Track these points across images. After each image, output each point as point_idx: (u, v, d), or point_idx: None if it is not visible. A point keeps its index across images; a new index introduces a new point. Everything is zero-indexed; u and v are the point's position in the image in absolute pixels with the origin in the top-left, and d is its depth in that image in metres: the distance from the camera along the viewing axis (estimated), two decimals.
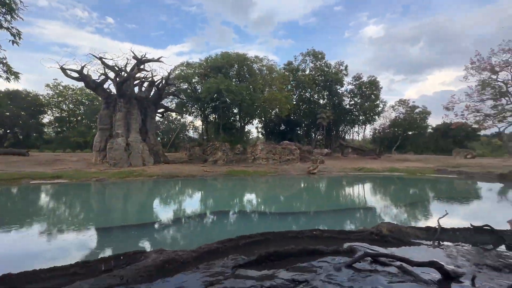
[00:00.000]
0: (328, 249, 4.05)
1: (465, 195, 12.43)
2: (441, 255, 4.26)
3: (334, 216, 8.39)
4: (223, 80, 21.58)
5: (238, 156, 23.90)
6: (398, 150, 42.26)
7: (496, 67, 13.81)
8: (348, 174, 19.94)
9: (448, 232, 5.04)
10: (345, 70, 35.91)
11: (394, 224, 5.19)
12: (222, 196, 11.93)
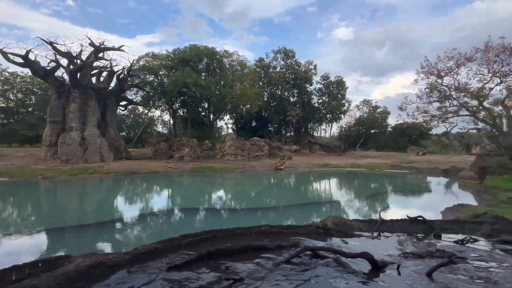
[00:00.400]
0: (272, 245, 4.08)
1: (412, 188, 13.67)
2: (379, 245, 4.55)
3: (293, 211, 8.59)
4: (190, 73, 20.84)
5: (206, 152, 23.41)
6: (362, 147, 44.94)
7: (441, 72, 15.31)
8: (313, 170, 20.66)
9: (387, 223, 5.41)
10: (314, 70, 37.01)
11: (339, 217, 5.42)
12: (184, 193, 11.58)
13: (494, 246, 4.37)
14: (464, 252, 4.12)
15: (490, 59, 13.61)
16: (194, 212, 8.30)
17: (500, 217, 5.50)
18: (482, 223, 5.31)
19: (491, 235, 4.93)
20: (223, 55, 25.30)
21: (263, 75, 35.95)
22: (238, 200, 10.44)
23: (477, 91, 14.20)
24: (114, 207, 8.67)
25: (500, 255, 3.96)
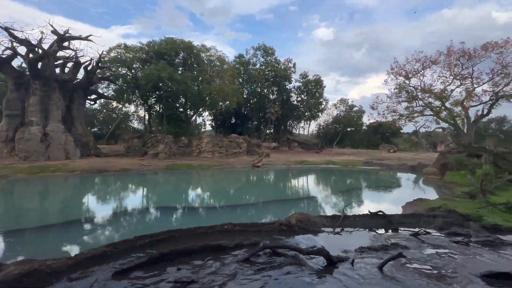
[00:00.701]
0: (232, 244, 4.00)
1: (380, 184, 14.35)
2: (339, 240, 4.64)
3: (266, 208, 8.58)
4: (165, 67, 20.05)
5: (182, 149, 22.79)
6: (338, 145, 46.36)
7: (409, 74, 16.17)
8: (290, 167, 20.91)
9: (350, 219, 5.55)
10: (293, 68, 37.40)
11: (304, 214, 5.47)
12: (155, 192, 11.15)
13: (443, 238, 4.65)
14: (416, 244, 4.33)
15: (452, 63, 14.62)
16: (165, 211, 8.00)
17: (452, 210, 5.87)
18: (436, 217, 5.63)
19: (443, 228, 5.25)
20: (201, 50, 24.65)
21: (242, 72, 35.69)
22: (212, 197, 10.24)
23: (439, 92, 15.20)
24: (76, 208, 8.10)
25: (446, 247, 4.20)
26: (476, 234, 4.78)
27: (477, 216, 5.61)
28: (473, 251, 4.11)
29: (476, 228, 4.98)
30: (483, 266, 3.61)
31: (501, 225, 5.16)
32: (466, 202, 7.13)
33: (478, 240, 4.43)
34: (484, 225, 5.16)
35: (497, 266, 3.59)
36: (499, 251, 4.09)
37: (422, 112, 16.79)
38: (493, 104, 14.85)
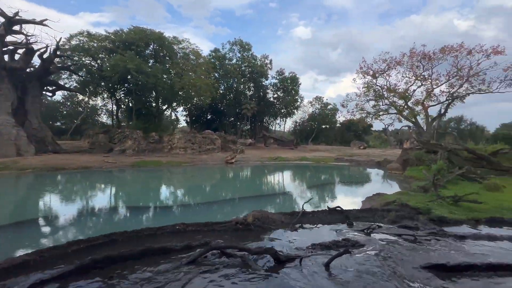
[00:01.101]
0: (179, 246, 3.76)
1: (347, 179, 14.90)
2: (295, 237, 4.59)
3: (230, 205, 8.39)
4: (133, 58, 18.86)
5: (153, 145, 21.79)
6: (314, 142, 47.51)
7: (376, 73, 16.88)
8: (264, 163, 20.92)
9: (308, 215, 5.56)
10: (270, 64, 37.42)
11: (262, 211, 5.36)
12: (113, 191, 10.45)
13: (393, 232, 4.81)
14: (367, 239, 4.41)
15: (414, 64, 15.50)
16: (121, 211, 7.48)
17: (405, 204, 6.13)
18: (390, 211, 5.84)
19: (395, 221, 5.45)
20: (173, 42, 23.56)
21: (218, 66, 34.94)
22: (175, 196, 9.83)
23: (403, 92, 16.06)
24: (16, 210, 7.28)
25: (395, 241, 4.33)
26: (423, 227, 5.01)
27: (427, 209, 5.90)
28: (419, 243, 4.27)
29: (424, 221, 5.22)
30: (425, 258, 3.75)
31: (447, 217, 5.46)
32: (420, 196, 7.51)
33: (424, 233, 4.62)
34: (432, 217, 5.43)
35: (438, 257, 3.75)
36: (442, 243, 4.29)
37: (387, 111, 17.68)
38: (449, 104, 16.09)
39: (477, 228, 5.28)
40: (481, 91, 14.79)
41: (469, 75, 14.82)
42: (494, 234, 4.63)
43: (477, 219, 5.53)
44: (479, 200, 7.10)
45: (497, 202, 6.81)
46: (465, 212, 5.96)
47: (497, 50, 14.01)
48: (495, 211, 6.01)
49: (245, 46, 36.18)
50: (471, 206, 6.34)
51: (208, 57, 34.91)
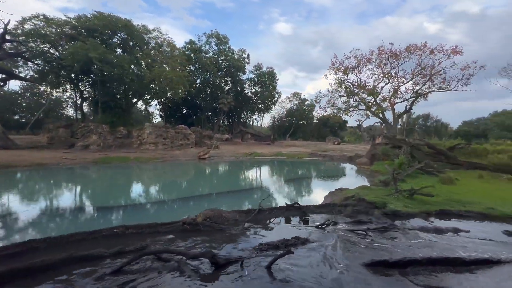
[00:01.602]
0: (108, 252, 3.37)
1: (316, 174, 15.10)
2: (244, 237, 4.36)
3: (190, 203, 8.01)
4: (96, 46, 17.42)
5: (120, 140, 20.58)
6: (291, 137, 48.07)
7: (347, 70, 17.21)
8: (238, 159, 20.64)
9: (265, 212, 5.37)
10: (247, 58, 36.89)
11: (216, 209, 5.08)
12: (64, 189, 9.58)
13: (347, 227, 4.77)
14: (319, 236, 4.30)
15: (382, 62, 15.98)
16: (69, 213, 6.80)
17: (362, 199, 6.17)
18: (348, 206, 5.84)
19: (351, 216, 5.43)
20: (142, 31, 22.16)
21: (194, 59, 33.77)
22: (134, 194, 9.22)
23: (371, 89, 16.55)
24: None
25: (346, 237, 4.26)
26: (377, 221, 5.03)
27: (382, 203, 5.97)
28: (369, 239, 4.24)
29: (378, 215, 5.25)
30: (372, 254, 3.69)
31: (400, 211, 5.54)
32: (380, 190, 7.66)
33: (376, 227, 4.62)
34: (386, 212, 5.48)
35: (383, 253, 3.72)
36: (391, 237, 4.30)
37: (357, 107, 18.15)
38: (414, 101, 16.92)
39: (429, 220, 5.43)
40: (442, 89, 15.73)
41: (432, 74, 15.63)
42: (440, 227, 4.75)
43: (428, 212, 5.68)
44: (434, 193, 7.39)
45: (449, 194, 7.12)
46: (419, 205, 6.12)
47: (455, 50, 14.94)
48: (445, 203, 6.24)
49: (222, 39, 35.30)
50: (425, 199, 6.54)
51: (183, 49, 33.63)
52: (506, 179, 9.55)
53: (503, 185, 8.69)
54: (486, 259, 3.40)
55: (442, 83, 15.70)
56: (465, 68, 14.88)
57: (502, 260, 3.42)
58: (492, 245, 4.05)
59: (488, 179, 9.56)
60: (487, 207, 5.85)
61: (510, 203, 6.34)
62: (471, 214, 5.60)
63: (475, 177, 9.87)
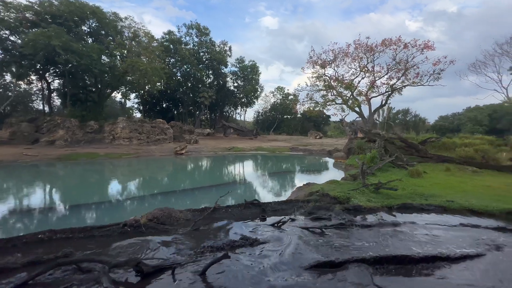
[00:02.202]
0: (20, 262, 2.92)
1: (292, 168, 15.03)
2: (191, 239, 4.01)
3: (151, 201, 7.55)
4: (59, 33, 16.08)
5: (91, 135, 19.46)
6: (275, 131, 48.04)
7: (325, 63, 17.13)
8: (217, 154, 20.19)
9: (221, 210, 5.06)
10: (229, 51, 36.06)
11: (166, 209, 4.69)
12: (13, 190, 8.80)
13: (302, 225, 4.57)
14: (272, 235, 4.05)
15: (359, 56, 16.00)
16: (14, 215, 6.16)
17: (325, 194, 6.00)
18: (310, 201, 5.65)
19: (311, 213, 5.24)
20: (112, 19, 20.80)
21: (173, 51, 32.52)
22: (86, 193, 8.55)
23: (348, 83, 16.59)
24: None
25: (301, 235, 4.04)
26: (336, 217, 4.86)
27: (346, 198, 5.83)
28: (323, 237, 4.04)
29: (338, 211, 5.08)
30: (324, 254, 3.49)
31: (362, 206, 5.42)
32: (348, 184, 7.57)
33: (333, 224, 4.44)
34: (348, 207, 5.34)
35: (333, 252, 3.52)
36: (346, 234, 4.12)
37: (334, 101, 18.20)
38: (389, 96, 17.18)
39: (391, 214, 5.34)
40: (415, 83, 16.06)
41: (406, 68, 15.88)
42: (398, 222, 4.65)
43: (389, 206, 5.60)
44: (401, 186, 7.41)
45: (414, 188, 7.13)
46: (383, 199, 6.04)
47: (427, 45, 15.25)
48: (408, 197, 6.21)
49: (203, 31, 34.19)
50: (390, 193, 6.49)
51: (162, 39, 32.28)
52: (471, 172, 9.82)
53: (467, 177, 8.90)
54: (434, 256, 3.28)
55: (416, 77, 16.03)
56: (437, 63, 15.26)
57: (450, 257, 3.31)
58: (446, 239, 3.98)
59: (454, 172, 9.79)
60: (447, 200, 5.86)
61: (470, 195, 6.43)
62: (431, 207, 5.58)
63: (443, 170, 10.08)
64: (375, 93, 17.27)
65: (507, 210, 5.18)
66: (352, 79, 17.07)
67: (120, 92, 29.52)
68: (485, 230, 4.34)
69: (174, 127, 32.21)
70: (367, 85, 16.99)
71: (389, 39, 15.50)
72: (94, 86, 22.04)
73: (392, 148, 12.47)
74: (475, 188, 7.28)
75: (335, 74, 17.57)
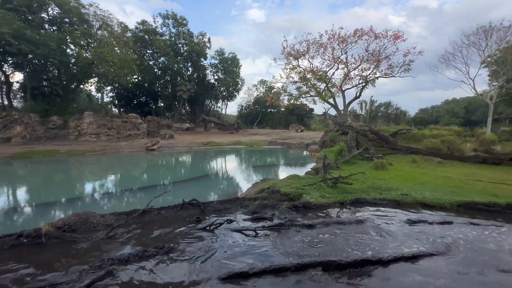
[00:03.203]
0: None
1: (263, 163, 14.66)
2: (98, 250, 3.48)
3: (95, 203, 6.90)
4: (9, 19, 14.57)
5: (53, 131, 18.16)
6: (259, 125, 47.56)
7: (299, 54, 16.72)
8: (191, 149, 19.49)
9: (153, 213, 4.53)
10: (208, 43, 34.82)
11: (85, 213, 4.11)
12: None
13: (237, 227, 4.15)
14: (198, 241, 3.59)
15: (333, 47, 15.71)
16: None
17: (276, 190, 5.61)
18: (256, 199, 5.24)
19: (256, 212, 4.82)
20: (75, 6, 19.17)
21: (149, 42, 30.96)
22: (22, 194, 7.80)
23: (322, 74, 16.30)
24: None
25: (233, 239, 3.61)
26: (279, 217, 4.47)
27: (298, 194, 5.47)
28: (255, 241, 3.62)
29: (283, 210, 4.69)
30: (248, 260, 3.08)
31: (311, 202, 5.06)
32: (309, 178, 7.23)
33: (270, 225, 4.03)
34: (296, 204, 4.96)
35: (263, 258, 3.12)
36: (282, 237, 3.73)
37: (308, 93, 17.92)
38: (363, 88, 17.09)
39: (342, 210, 5.03)
40: (387, 75, 16.03)
41: (378, 60, 15.77)
42: (343, 220, 4.31)
43: (342, 201, 5.29)
44: (362, 179, 7.16)
45: (374, 181, 6.89)
46: (338, 195, 5.73)
47: (398, 35, 15.17)
48: (364, 191, 5.94)
49: (180, 21, 32.72)
50: (347, 188, 6.19)
51: (136, 30, 30.63)
52: (436, 163, 9.79)
53: (431, 168, 8.82)
54: (364, 260, 2.93)
55: (388, 69, 15.99)
56: (406, 53, 15.21)
57: (382, 259, 2.98)
58: (389, 238, 3.67)
59: (420, 163, 9.72)
60: (402, 193, 5.63)
61: (427, 187, 6.26)
62: (384, 202, 5.31)
63: (409, 161, 10.00)
64: (348, 85, 17.11)
65: (458, 203, 5.00)
66: (327, 71, 16.80)
67: (94, 86, 27.90)
68: (430, 226, 4.08)
69: (151, 122, 31.01)
70: (341, 77, 16.79)
71: (361, 29, 15.28)
72: (57, 78, 20.50)
73: (363, 140, 12.32)
74: (435, 179, 7.15)
75: (310, 66, 17.20)
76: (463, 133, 13.43)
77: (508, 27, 16.92)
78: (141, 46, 30.06)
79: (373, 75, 16.64)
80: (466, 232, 3.87)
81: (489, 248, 3.36)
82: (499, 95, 18.62)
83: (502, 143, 12.69)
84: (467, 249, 3.29)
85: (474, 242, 3.50)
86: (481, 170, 8.35)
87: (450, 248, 3.32)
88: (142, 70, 29.21)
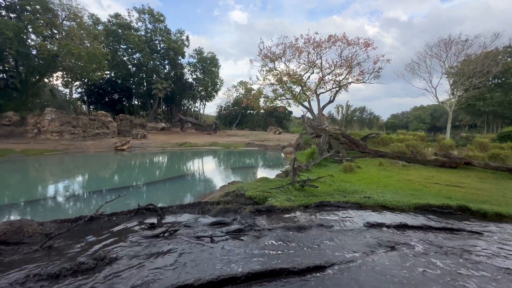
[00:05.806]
0: None
1: (237, 164, 14.49)
2: (24, 264, 3.11)
3: (37, 209, 6.28)
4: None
5: (8, 128, 16.56)
6: (238, 126, 47.34)
7: (276, 56, 16.87)
8: (164, 150, 18.79)
9: (102, 220, 4.16)
10: (187, 41, 34.02)
11: (19, 221, 3.66)
12: None
13: (193, 233, 3.94)
14: (140, 249, 3.33)
15: (308, 51, 16.05)
16: None
17: (240, 194, 5.47)
18: (219, 203, 5.06)
19: (217, 216, 4.66)
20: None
21: (123, 37, 29.48)
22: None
23: (297, 78, 16.58)
24: None
25: (186, 248, 3.38)
26: (241, 221, 4.32)
27: (263, 198, 5.36)
28: (213, 248, 3.43)
29: (245, 214, 4.54)
30: (195, 272, 2.87)
31: (276, 206, 4.98)
32: (278, 181, 7.18)
33: (229, 231, 3.86)
34: (260, 208, 4.84)
35: (214, 269, 2.92)
36: (237, 244, 3.57)
37: (284, 95, 18.15)
38: (337, 92, 17.66)
39: (306, 212, 5.00)
40: (358, 81, 16.73)
41: (350, 66, 16.39)
42: (304, 225, 4.25)
43: (306, 205, 5.27)
44: (330, 182, 7.25)
45: (341, 184, 7.00)
46: (304, 198, 5.71)
47: (368, 43, 15.97)
48: (330, 194, 5.98)
49: (156, 17, 31.62)
50: (313, 191, 6.22)
51: (108, 23, 29.05)
52: (401, 166, 10.24)
53: (395, 171, 9.21)
54: (317, 266, 2.87)
55: (359, 75, 16.67)
56: (376, 61, 16.01)
57: (335, 263, 2.94)
58: (340, 242, 3.65)
59: (386, 166, 10.11)
60: (365, 196, 5.74)
61: (389, 190, 6.47)
62: (348, 205, 5.37)
63: (376, 164, 10.37)
64: (323, 89, 17.56)
65: (415, 205, 5.20)
66: (302, 74, 17.11)
67: (60, 81, 25.89)
68: (384, 230, 4.16)
69: (123, 121, 29.55)
70: (316, 81, 17.17)
71: (335, 35, 15.80)
72: (15, 71, 18.73)
73: (335, 144, 12.61)
74: (398, 182, 7.43)
75: (286, 69, 17.40)
76: (426, 138, 14.30)
77: (465, 41, 18.51)
78: (113, 41, 28.55)
79: (346, 80, 17.25)
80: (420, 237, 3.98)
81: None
82: (457, 104, 20.25)
83: (459, 148, 13.70)
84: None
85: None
86: (439, 173, 8.87)
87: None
88: (115, 66, 27.76)
